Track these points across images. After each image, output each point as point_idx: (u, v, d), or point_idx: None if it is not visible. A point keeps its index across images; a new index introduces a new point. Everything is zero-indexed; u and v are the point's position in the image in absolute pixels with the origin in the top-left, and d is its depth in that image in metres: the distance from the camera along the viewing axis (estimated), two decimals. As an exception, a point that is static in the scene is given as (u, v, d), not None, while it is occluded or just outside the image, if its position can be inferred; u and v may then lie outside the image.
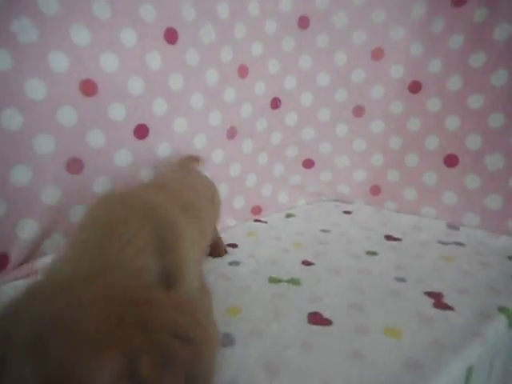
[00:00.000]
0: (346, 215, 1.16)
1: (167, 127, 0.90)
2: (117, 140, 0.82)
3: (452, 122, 1.04)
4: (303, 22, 1.11)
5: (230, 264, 0.83)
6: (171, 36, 0.87)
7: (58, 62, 0.72)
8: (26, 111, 0.70)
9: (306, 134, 1.20)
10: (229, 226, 1.05)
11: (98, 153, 0.80)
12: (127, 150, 0.84)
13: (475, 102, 1.00)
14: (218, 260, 0.84)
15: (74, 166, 0.77)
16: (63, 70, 0.73)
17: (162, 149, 0.90)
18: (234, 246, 0.93)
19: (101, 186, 0.81)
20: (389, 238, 0.99)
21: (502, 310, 0.65)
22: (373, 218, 1.12)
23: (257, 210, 1.13)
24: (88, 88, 0.76)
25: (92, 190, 0.80)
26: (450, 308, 0.66)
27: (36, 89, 0.70)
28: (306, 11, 1.10)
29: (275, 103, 1.13)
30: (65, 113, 0.74)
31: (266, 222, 1.10)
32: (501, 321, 0.63)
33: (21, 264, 0.74)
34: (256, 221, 1.11)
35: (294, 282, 0.75)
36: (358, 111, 1.18)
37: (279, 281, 0.76)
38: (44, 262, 0.75)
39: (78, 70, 0.74)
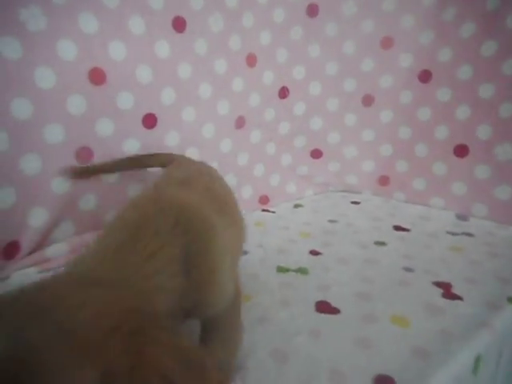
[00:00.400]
0: (354, 205, 1.16)
1: (175, 116, 0.90)
2: (125, 129, 0.82)
3: (462, 112, 1.03)
4: (312, 10, 1.09)
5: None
6: (179, 24, 0.86)
7: (67, 50, 0.72)
8: (35, 100, 0.70)
9: (315, 124, 1.19)
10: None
11: (106, 142, 0.80)
12: (135, 140, 0.84)
13: (486, 91, 0.99)
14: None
15: (84, 154, 0.78)
16: (72, 58, 0.73)
17: (171, 138, 0.90)
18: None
19: (110, 174, 0.82)
20: (397, 228, 0.98)
21: (510, 300, 0.65)
22: (381, 209, 1.12)
23: (264, 200, 1.13)
24: (97, 76, 0.76)
25: (101, 179, 0.81)
26: (458, 298, 0.66)
27: (45, 77, 0.70)
28: (314, -1, 1.08)
29: (283, 93, 1.12)
30: (74, 101, 0.74)
31: (273, 212, 1.10)
32: (509, 311, 0.63)
33: (31, 252, 0.75)
34: (264, 210, 1.11)
35: (301, 271, 0.75)
36: (367, 101, 1.17)
37: (287, 270, 0.76)
38: (54, 250, 0.76)
39: (86, 58, 0.74)
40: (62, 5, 0.70)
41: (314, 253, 0.84)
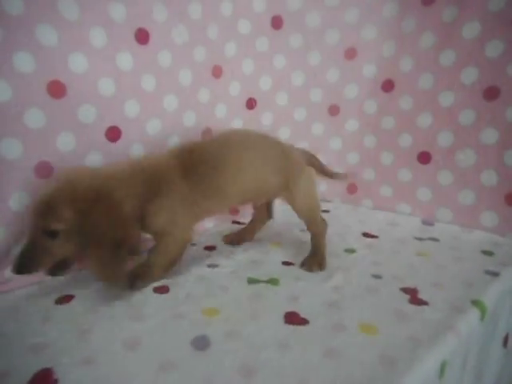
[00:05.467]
0: (323, 214, 1.16)
1: (140, 129, 0.88)
2: (88, 143, 0.80)
3: (424, 120, 1.06)
4: (276, 22, 1.11)
5: (209, 266, 0.82)
6: (142, 36, 0.85)
7: (24, 62, 0.69)
8: (-10, 114, 0.67)
9: (283, 134, 1.20)
10: (206, 229, 1.04)
11: (68, 156, 0.77)
12: (99, 153, 0.82)
13: (446, 99, 1.02)
14: (195, 262, 0.83)
15: (43, 170, 0.75)
16: (29, 70, 0.70)
17: (135, 151, 0.88)
18: (211, 248, 0.92)
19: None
20: (366, 235, 0.99)
21: (474, 303, 0.66)
22: (350, 216, 1.13)
23: (234, 212, 1.12)
24: (56, 89, 0.74)
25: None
26: (424, 303, 0.67)
27: (1, 90, 0.68)
28: (279, 11, 1.10)
29: (251, 103, 1.13)
30: (32, 115, 0.72)
31: (244, 224, 1.09)
32: (474, 314, 0.64)
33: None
34: (234, 222, 1.10)
35: (272, 282, 0.75)
36: (333, 110, 1.19)
37: (258, 281, 0.75)
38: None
39: (45, 70, 0.72)
40: (17, 16, 0.68)
41: (286, 263, 0.83)
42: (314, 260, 0.82)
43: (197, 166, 0.74)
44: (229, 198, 0.80)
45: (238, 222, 1.09)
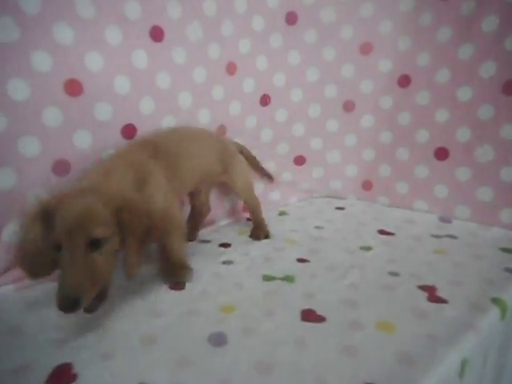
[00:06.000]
0: (338, 211, 1.16)
1: (155, 126, 0.89)
2: (104, 140, 0.81)
3: (441, 115, 1.04)
4: (291, 18, 1.10)
5: (224, 263, 0.82)
6: (157, 34, 0.86)
7: (41, 61, 0.70)
8: (9, 112, 0.68)
9: (297, 131, 1.20)
10: (221, 226, 1.05)
11: (84, 154, 0.78)
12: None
13: (464, 94, 1.00)
14: (210, 259, 0.84)
15: (61, 168, 0.76)
16: (47, 69, 0.71)
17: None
18: (227, 245, 0.92)
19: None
20: (382, 232, 0.98)
21: (494, 301, 0.65)
22: (366, 213, 1.12)
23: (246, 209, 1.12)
24: (73, 88, 0.75)
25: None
26: (443, 301, 0.66)
27: (19, 89, 0.69)
28: (293, 7, 1.09)
29: (265, 100, 1.12)
30: (50, 114, 0.73)
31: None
32: (494, 312, 0.63)
33: (7, 270, 0.73)
34: (249, 219, 1.10)
35: (288, 279, 0.75)
36: (348, 106, 1.18)
37: (273, 278, 0.75)
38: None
39: (62, 69, 0.73)
40: (35, 16, 0.69)
41: (301, 260, 0.83)
42: (259, 230, 0.98)
43: (164, 156, 0.79)
44: (186, 181, 0.87)
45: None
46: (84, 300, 0.53)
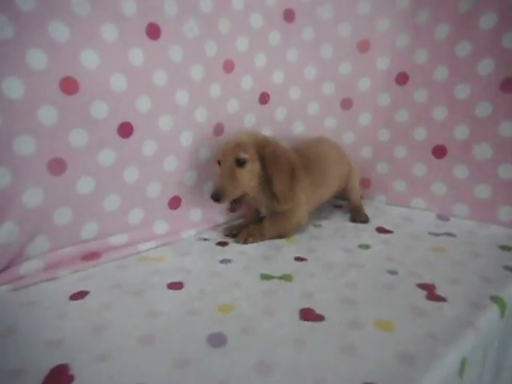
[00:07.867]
0: (336, 209, 1.16)
1: (152, 125, 0.88)
2: (100, 139, 0.80)
3: (439, 113, 1.04)
4: (289, 15, 1.09)
5: (221, 262, 0.82)
6: (153, 31, 0.85)
7: (37, 59, 0.69)
8: (4, 111, 0.67)
9: (296, 129, 1.19)
10: (218, 225, 1.04)
11: (80, 153, 0.78)
12: (111, 149, 0.82)
13: (462, 91, 1.00)
14: (208, 258, 0.83)
15: (56, 166, 0.75)
16: (42, 67, 0.70)
17: (147, 147, 0.88)
18: (224, 243, 0.92)
19: (84, 186, 0.79)
20: (380, 230, 0.98)
21: (494, 299, 0.65)
22: (363, 212, 1.12)
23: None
24: (69, 86, 0.74)
25: (75, 190, 0.78)
26: (442, 299, 0.65)
27: (14, 87, 0.68)
28: (290, 4, 1.08)
29: (264, 98, 1.12)
30: (45, 112, 0.72)
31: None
32: (493, 310, 0.63)
33: (5, 269, 0.72)
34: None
35: (286, 278, 0.74)
36: (346, 104, 1.17)
37: (271, 277, 0.75)
38: (28, 267, 0.73)
39: (57, 67, 0.72)
40: (30, 13, 0.68)
41: (299, 259, 0.83)
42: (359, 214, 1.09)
43: (310, 162, 0.99)
44: (331, 186, 1.05)
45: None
46: (226, 197, 0.85)
